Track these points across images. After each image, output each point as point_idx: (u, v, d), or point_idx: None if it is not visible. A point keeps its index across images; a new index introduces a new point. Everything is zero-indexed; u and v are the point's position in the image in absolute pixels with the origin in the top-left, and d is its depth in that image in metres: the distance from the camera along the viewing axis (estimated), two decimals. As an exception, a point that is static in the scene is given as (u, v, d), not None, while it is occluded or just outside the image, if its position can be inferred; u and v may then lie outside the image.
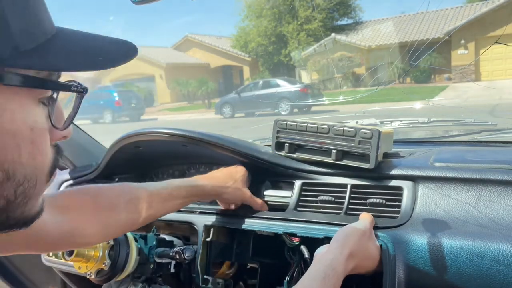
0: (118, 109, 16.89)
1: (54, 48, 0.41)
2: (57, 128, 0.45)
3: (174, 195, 0.85)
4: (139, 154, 1.20)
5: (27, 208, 0.44)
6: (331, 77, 15.57)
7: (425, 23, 14.13)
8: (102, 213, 0.75)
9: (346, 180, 0.93)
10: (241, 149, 1.01)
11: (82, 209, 0.73)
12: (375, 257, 0.76)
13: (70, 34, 0.44)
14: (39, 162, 0.43)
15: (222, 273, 1.01)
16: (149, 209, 0.80)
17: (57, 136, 0.46)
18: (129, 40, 0.48)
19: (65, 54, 0.42)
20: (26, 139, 0.41)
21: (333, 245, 0.72)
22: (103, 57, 0.44)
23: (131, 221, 0.79)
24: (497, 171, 0.81)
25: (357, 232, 0.75)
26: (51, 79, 0.43)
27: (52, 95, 0.44)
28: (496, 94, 7.44)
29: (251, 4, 23.05)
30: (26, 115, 0.41)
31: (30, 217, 0.46)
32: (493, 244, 0.70)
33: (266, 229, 0.92)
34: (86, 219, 0.73)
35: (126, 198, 0.78)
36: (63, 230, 0.69)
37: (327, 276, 0.65)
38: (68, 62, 0.42)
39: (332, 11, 21.16)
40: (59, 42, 0.42)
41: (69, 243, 0.73)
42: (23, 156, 0.41)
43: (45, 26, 0.41)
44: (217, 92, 21.12)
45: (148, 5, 0.70)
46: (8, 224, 0.44)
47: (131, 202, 0.78)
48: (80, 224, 0.72)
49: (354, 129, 0.89)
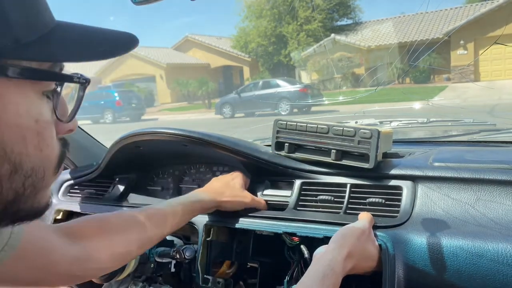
0: (118, 109, 16.90)
1: (55, 40, 0.41)
2: (62, 121, 0.46)
3: (174, 213, 0.86)
4: (140, 154, 1.20)
5: (36, 200, 0.45)
6: (330, 77, 15.58)
7: (424, 23, 14.13)
8: (111, 239, 0.76)
9: (345, 179, 0.93)
10: (241, 149, 1.01)
11: (92, 236, 0.73)
12: (374, 257, 0.77)
13: (70, 26, 0.44)
14: (46, 154, 0.43)
15: (222, 273, 1.01)
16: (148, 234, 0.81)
17: (63, 129, 0.47)
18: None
19: (66, 45, 0.42)
20: (32, 131, 0.41)
21: (332, 245, 0.73)
22: (104, 47, 0.44)
23: (140, 243, 0.80)
24: (496, 171, 0.81)
25: (355, 232, 0.75)
26: (53, 71, 0.43)
27: (56, 89, 0.44)
28: (495, 94, 7.45)
29: (251, 4, 23.06)
30: (31, 108, 0.41)
31: (40, 209, 0.46)
32: (492, 243, 0.70)
33: (266, 228, 0.93)
34: (96, 246, 0.73)
35: (131, 223, 0.80)
36: (74, 257, 0.69)
37: (326, 276, 0.66)
38: (70, 53, 0.42)
39: (331, 11, 21.18)
40: (59, 34, 0.42)
41: (82, 270, 0.71)
42: (30, 148, 0.41)
43: (45, 18, 0.41)
44: (217, 92, 21.13)
45: (148, 5, 0.70)
46: (19, 216, 0.44)
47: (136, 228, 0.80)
48: (91, 251, 0.72)
49: (353, 129, 0.90)
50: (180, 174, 1.25)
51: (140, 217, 0.81)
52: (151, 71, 23.49)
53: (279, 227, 0.90)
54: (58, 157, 0.46)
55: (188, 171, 1.24)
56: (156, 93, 23.64)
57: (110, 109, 17.00)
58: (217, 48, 23.49)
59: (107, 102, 17.13)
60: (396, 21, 17.43)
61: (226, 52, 23.31)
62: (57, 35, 0.42)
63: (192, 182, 1.23)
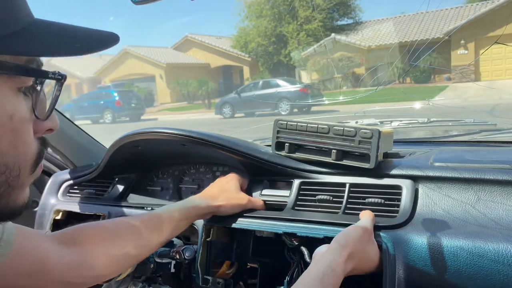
0: (118, 109, 16.91)
1: (29, 35, 0.41)
2: (39, 119, 0.45)
3: (170, 221, 0.85)
4: (139, 154, 1.20)
5: (11, 198, 0.44)
6: (331, 77, 15.56)
7: (425, 23, 14.13)
8: (107, 245, 0.75)
9: (344, 179, 0.93)
10: (241, 149, 1.01)
11: (88, 242, 0.73)
12: (374, 259, 0.77)
13: (48, 24, 0.44)
14: (21, 151, 0.43)
15: (222, 273, 1.01)
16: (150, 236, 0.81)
17: (43, 128, 0.46)
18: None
19: (41, 40, 0.42)
20: (6, 127, 0.41)
21: (334, 245, 0.72)
22: (80, 43, 0.44)
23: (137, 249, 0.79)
24: (497, 171, 0.81)
25: (358, 233, 0.75)
26: (28, 66, 0.42)
27: (36, 86, 0.44)
28: (495, 94, 7.44)
29: (251, 4, 23.06)
30: (5, 103, 0.40)
31: (16, 208, 0.45)
32: (493, 244, 0.70)
33: (266, 229, 0.92)
34: (93, 252, 0.72)
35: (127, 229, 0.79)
36: (70, 264, 0.68)
37: (326, 276, 0.65)
38: (44, 48, 0.42)
39: (332, 11, 21.17)
40: (35, 30, 0.42)
41: (78, 277, 0.70)
42: (3, 144, 0.41)
43: (20, 14, 0.41)
44: (217, 92, 21.13)
45: (148, 5, 0.70)
46: None
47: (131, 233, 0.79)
48: (87, 258, 0.71)
49: (354, 129, 0.90)
50: (179, 174, 1.25)
51: (135, 223, 0.80)
52: (151, 71, 23.50)
53: (279, 228, 0.90)
54: (36, 155, 0.45)
55: (187, 171, 1.24)
56: (156, 93, 23.65)
57: (109, 109, 17.02)
58: (217, 48, 23.49)
59: (107, 102, 17.15)
60: (396, 21, 17.43)
61: (226, 52, 23.31)
62: (32, 31, 0.41)
63: (191, 182, 1.23)
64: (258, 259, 1.00)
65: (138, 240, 0.79)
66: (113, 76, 24.08)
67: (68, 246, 0.69)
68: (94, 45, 0.44)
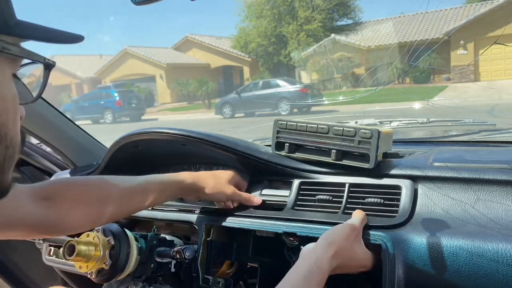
0: (118, 109, 16.92)
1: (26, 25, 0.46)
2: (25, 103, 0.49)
3: (150, 189, 0.87)
4: (139, 154, 1.20)
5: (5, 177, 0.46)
6: (330, 77, 15.57)
7: (424, 23, 14.14)
8: (83, 206, 0.79)
9: (344, 179, 0.93)
10: (241, 149, 1.01)
11: (63, 200, 0.77)
12: (361, 258, 0.77)
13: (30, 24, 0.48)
14: (17, 131, 0.46)
15: (223, 273, 1.01)
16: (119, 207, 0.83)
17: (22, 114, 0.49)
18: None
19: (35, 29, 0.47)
20: (12, 105, 0.44)
21: (320, 242, 0.73)
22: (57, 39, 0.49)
23: (98, 216, 0.82)
24: (496, 171, 0.81)
25: (345, 231, 0.75)
26: (29, 50, 0.46)
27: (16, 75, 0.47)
28: (495, 94, 7.43)
29: (251, 4, 23.07)
30: (9, 83, 0.44)
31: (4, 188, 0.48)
32: (492, 243, 0.70)
33: (266, 228, 0.92)
34: (65, 210, 0.77)
35: (98, 193, 0.82)
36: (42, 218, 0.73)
37: (311, 273, 0.66)
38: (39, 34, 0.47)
39: (331, 11, 21.19)
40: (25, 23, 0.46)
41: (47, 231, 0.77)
42: (10, 121, 0.44)
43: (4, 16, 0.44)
44: (217, 92, 21.13)
45: (148, 5, 0.70)
46: None
47: (102, 198, 0.82)
48: (59, 214, 0.76)
49: (353, 129, 0.90)
50: (180, 174, 1.25)
51: (117, 188, 0.83)
52: (151, 71, 23.50)
53: (279, 227, 0.90)
54: (20, 139, 0.48)
55: (188, 171, 1.24)
56: (156, 93, 23.65)
57: (110, 109, 17.02)
58: (217, 48, 23.49)
59: (107, 102, 17.15)
60: (396, 21, 17.44)
61: (226, 52, 23.31)
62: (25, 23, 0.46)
63: (192, 182, 1.23)
64: (258, 259, 1.00)
65: (116, 205, 0.82)
66: (113, 76, 24.08)
67: (43, 201, 0.74)
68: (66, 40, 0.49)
